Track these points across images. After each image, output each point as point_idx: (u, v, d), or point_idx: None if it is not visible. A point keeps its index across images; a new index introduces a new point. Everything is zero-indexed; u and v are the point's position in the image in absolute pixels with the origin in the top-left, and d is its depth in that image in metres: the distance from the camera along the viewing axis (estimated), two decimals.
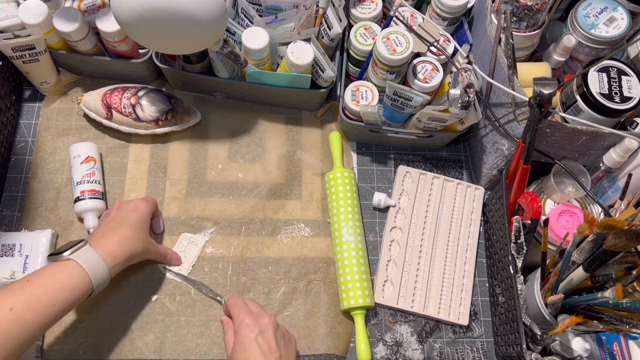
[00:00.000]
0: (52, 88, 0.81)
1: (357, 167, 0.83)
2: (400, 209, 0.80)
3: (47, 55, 0.76)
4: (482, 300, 0.77)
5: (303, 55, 0.72)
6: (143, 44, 0.67)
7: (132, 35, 0.65)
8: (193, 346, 0.70)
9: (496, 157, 0.76)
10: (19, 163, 0.77)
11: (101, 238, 0.63)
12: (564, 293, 0.63)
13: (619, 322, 0.60)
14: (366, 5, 0.80)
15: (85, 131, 0.80)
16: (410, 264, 0.76)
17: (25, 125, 0.80)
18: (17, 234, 0.70)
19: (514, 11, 0.69)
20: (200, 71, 0.78)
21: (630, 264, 0.62)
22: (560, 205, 0.71)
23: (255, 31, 0.71)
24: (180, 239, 0.75)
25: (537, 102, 0.61)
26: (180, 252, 0.74)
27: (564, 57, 0.74)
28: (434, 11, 0.78)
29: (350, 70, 0.82)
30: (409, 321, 0.75)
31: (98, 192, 0.73)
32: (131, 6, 0.59)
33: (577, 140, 0.68)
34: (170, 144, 0.81)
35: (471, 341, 0.75)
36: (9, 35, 0.70)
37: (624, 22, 0.71)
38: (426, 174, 0.82)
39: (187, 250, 0.74)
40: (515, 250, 0.67)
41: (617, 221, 0.57)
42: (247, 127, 0.83)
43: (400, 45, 0.70)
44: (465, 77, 0.68)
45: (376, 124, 0.76)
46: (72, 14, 0.71)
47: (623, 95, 0.66)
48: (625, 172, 0.69)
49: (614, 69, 0.68)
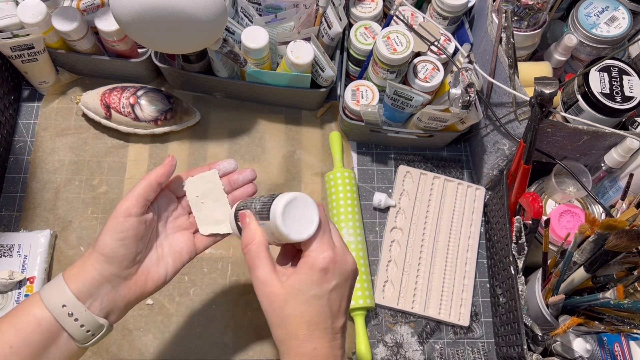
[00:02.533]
0: (51, 87, 0.81)
1: (357, 167, 0.83)
2: (401, 209, 0.80)
3: (46, 55, 0.75)
4: (483, 301, 0.77)
5: (303, 54, 0.72)
6: (142, 43, 0.67)
7: (131, 35, 0.65)
8: (192, 347, 0.69)
9: (497, 157, 0.75)
10: (18, 163, 0.77)
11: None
12: (565, 294, 0.63)
13: (620, 323, 0.59)
14: (366, 4, 0.79)
15: (84, 131, 0.80)
16: (411, 264, 0.76)
17: (24, 125, 0.80)
18: (15, 234, 0.70)
19: (515, 10, 0.69)
20: (200, 71, 0.78)
21: (631, 264, 0.62)
22: (561, 205, 0.71)
23: (254, 30, 0.71)
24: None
25: (538, 102, 0.61)
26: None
27: (565, 57, 0.74)
28: (434, 10, 0.78)
29: (351, 69, 0.82)
30: (409, 322, 0.74)
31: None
32: (130, 5, 0.59)
33: (579, 140, 0.68)
34: (169, 144, 0.80)
35: (472, 342, 0.74)
36: (8, 35, 0.70)
37: (625, 22, 0.71)
38: (427, 174, 0.82)
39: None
40: (516, 251, 0.67)
41: (618, 221, 0.57)
42: (247, 126, 0.83)
43: (400, 45, 0.70)
44: (466, 76, 0.68)
45: (376, 123, 0.76)
46: (71, 13, 0.71)
47: (624, 95, 0.66)
48: (626, 172, 0.69)
49: (615, 68, 0.67)
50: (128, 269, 0.47)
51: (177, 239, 0.52)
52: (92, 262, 0.46)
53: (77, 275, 0.45)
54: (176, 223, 0.53)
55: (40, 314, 0.43)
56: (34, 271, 0.68)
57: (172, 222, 0.52)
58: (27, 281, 0.67)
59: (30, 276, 0.68)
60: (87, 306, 0.45)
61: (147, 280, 0.49)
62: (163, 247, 0.51)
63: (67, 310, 0.44)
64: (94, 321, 0.45)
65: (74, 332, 0.44)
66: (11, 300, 0.66)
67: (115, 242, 0.46)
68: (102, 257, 0.46)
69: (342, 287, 0.44)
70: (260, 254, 0.45)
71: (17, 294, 0.67)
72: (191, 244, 0.52)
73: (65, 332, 0.44)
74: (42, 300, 0.44)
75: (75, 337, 0.44)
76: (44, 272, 0.69)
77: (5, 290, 0.66)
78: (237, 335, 0.70)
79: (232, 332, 0.70)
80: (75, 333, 0.44)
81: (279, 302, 0.43)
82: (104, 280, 0.46)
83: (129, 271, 0.47)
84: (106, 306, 0.46)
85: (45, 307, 0.44)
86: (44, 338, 0.43)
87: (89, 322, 0.45)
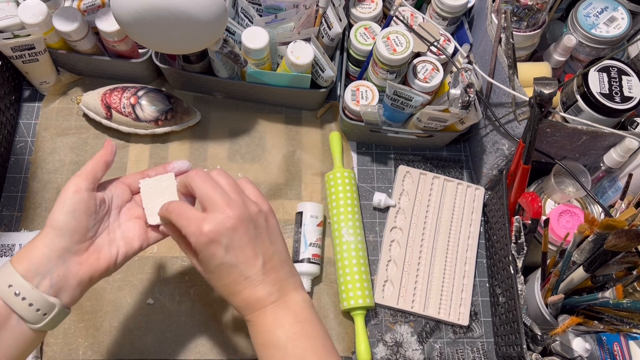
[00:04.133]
0: (51, 88, 0.81)
1: (357, 167, 0.83)
2: (401, 209, 0.80)
3: (47, 55, 0.76)
4: (483, 301, 0.77)
5: (303, 55, 0.72)
6: (143, 43, 0.67)
7: (132, 35, 0.65)
8: (192, 347, 0.69)
9: (496, 157, 0.76)
10: (19, 163, 0.77)
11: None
12: (564, 293, 0.63)
13: (620, 323, 0.59)
14: (366, 4, 0.79)
15: (85, 131, 0.80)
16: (411, 264, 0.76)
17: (25, 125, 0.80)
18: (16, 234, 0.70)
19: (515, 11, 0.69)
20: (200, 71, 0.78)
21: (630, 264, 0.62)
22: (560, 205, 0.71)
23: (255, 31, 0.71)
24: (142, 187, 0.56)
25: (538, 102, 0.61)
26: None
27: (565, 57, 0.74)
28: (434, 11, 0.78)
29: (350, 70, 0.82)
30: (409, 321, 0.74)
31: (318, 257, 0.73)
32: (131, 6, 0.59)
33: (578, 140, 0.68)
34: (169, 144, 0.80)
35: (471, 341, 0.75)
36: (9, 35, 0.70)
37: (624, 22, 0.71)
38: (426, 174, 0.82)
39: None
40: (516, 251, 0.67)
41: (617, 221, 0.57)
42: (247, 127, 0.83)
43: (400, 45, 0.70)
44: (466, 76, 0.68)
45: (376, 123, 0.76)
46: (72, 13, 0.71)
47: (623, 95, 0.66)
48: (625, 172, 0.69)
49: (615, 68, 0.68)
50: (79, 244, 0.48)
51: (129, 226, 0.53)
52: (41, 238, 0.46)
53: (24, 255, 0.45)
54: (129, 213, 0.54)
55: None
56: None
57: (126, 212, 0.54)
58: None
59: None
60: (36, 285, 0.44)
61: (98, 259, 0.49)
62: (115, 231, 0.52)
63: (13, 290, 0.43)
64: (43, 299, 0.44)
65: (24, 313, 0.43)
66: None
67: (67, 215, 0.47)
68: (53, 230, 0.46)
69: (235, 238, 0.46)
70: (183, 204, 0.49)
71: None
72: (143, 232, 0.53)
73: (15, 313, 0.43)
74: None
75: (26, 318, 0.44)
76: None
77: None
78: (237, 335, 0.70)
79: (232, 332, 0.71)
80: (25, 313, 0.44)
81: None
82: (54, 255, 0.46)
83: (80, 246, 0.48)
84: (56, 283, 0.45)
85: None
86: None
87: (38, 301, 0.44)
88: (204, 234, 0.45)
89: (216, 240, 0.46)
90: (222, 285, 0.48)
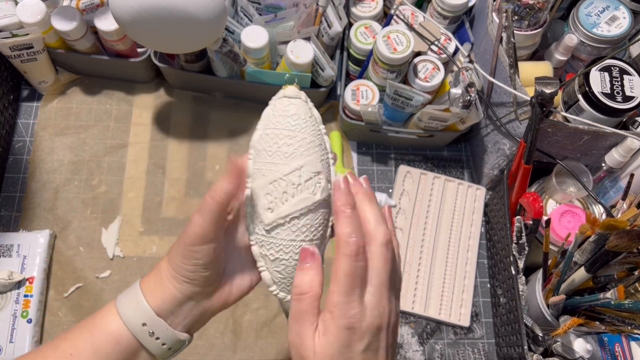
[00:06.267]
0: (50, 87, 0.80)
1: (357, 167, 0.83)
2: (401, 209, 0.79)
3: (45, 55, 0.75)
4: (484, 301, 0.77)
5: (303, 54, 0.72)
6: (142, 43, 0.67)
7: (131, 34, 0.65)
8: (192, 347, 0.69)
9: (497, 157, 0.75)
10: (17, 163, 0.77)
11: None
12: (565, 294, 0.62)
13: (621, 323, 0.59)
14: (366, 3, 0.79)
15: (84, 131, 0.79)
16: (411, 264, 0.76)
17: (23, 124, 0.79)
18: (15, 234, 0.70)
19: (516, 10, 0.69)
20: (199, 70, 0.78)
21: (632, 264, 0.62)
22: (562, 205, 0.70)
23: (254, 30, 0.71)
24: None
25: (539, 102, 0.61)
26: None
27: (566, 56, 0.74)
28: (434, 10, 0.78)
29: (351, 69, 0.82)
30: (409, 322, 0.74)
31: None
32: (130, 5, 0.59)
33: (579, 140, 0.68)
34: (169, 144, 0.80)
35: (472, 342, 0.74)
36: (7, 34, 0.70)
37: (625, 21, 0.71)
38: (427, 174, 0.81)
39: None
40: (517, 251, 0.67)
41: (619, 221, 0.57)
42: (247, 126, 0.83)
43: (401, 44, 0.70)
44: (467, 76, 0.68)
45: (376, 123, 0.76)
46: (71, 12, 0.70)
47: (625, 95, 0.66)
48: (627, 172, 0.69)
49: (616, 68, 0.67)
50: (212, 286, 0.43)
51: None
52: (170, 280, 0.41)
53: (156, 292, 0.41)
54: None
55: (118, 332, 0.41)
56: (33, 271, 0.68)
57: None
58: (27, 281, 0.67)
59: (29, 276, 0.67)
60: (169, 323, 0.41)
61: (232, 289, 0.44)
62: (241, 248, 0.44)
63: (147, 329, 0.41)
64: (175, 338, 0.42)
65: (155, 351, 0.41)
66: (10, 301, 0.66)
67: (195, 268, 0.41)
68: (183, 278, 0.41)
69: (375, 341, 0.38)
70: (312, 310, 0.39)
71: (16, 294, 0.66)
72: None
73: (145, 349, 0.42)
74: (120, 317, 0.41)
75: (156, 354, 0.42)
76: (43, 273, 0.69)
77: (5, 290, 0.66)
78: (237, 335, 0.70)
79: (232, 332, 0.70)
80: (156, 351, 0.42)
81: None
82: (186, 299, 0.42)
83: (213, 287, 0.43)
84: (189, 322, 0.43)
85: (123, 325, 0.41)
86: (123, 357, 0.41)
87: (170, 339, 0.42)
88: (353, 318, 0.37)
89: (358, 331, 0.37)
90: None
